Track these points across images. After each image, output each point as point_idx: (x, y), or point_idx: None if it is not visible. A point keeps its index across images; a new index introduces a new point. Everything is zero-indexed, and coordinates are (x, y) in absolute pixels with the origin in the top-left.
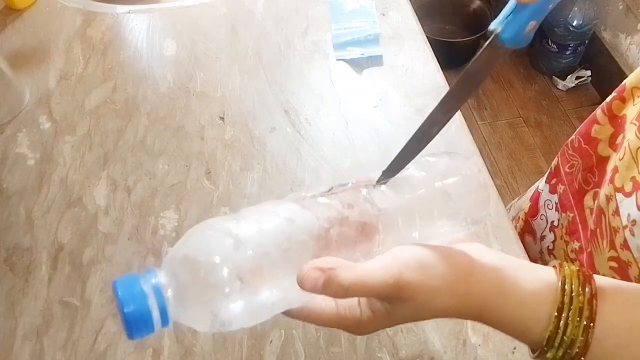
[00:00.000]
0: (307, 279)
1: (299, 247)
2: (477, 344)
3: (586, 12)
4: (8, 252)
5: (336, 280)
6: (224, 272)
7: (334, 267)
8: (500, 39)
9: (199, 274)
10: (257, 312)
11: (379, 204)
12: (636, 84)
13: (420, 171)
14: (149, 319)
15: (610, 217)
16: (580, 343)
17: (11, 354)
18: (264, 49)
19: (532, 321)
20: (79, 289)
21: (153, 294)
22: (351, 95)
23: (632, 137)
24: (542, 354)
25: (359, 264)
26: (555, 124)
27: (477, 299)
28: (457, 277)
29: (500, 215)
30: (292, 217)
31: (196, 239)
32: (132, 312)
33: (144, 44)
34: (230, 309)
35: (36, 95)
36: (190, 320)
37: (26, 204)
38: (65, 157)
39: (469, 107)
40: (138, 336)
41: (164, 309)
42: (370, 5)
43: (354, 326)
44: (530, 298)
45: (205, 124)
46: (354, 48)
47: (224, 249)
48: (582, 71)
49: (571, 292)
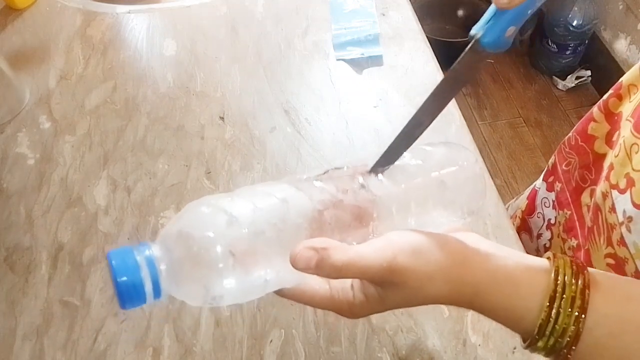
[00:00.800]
0: (300, 257)
1: (292, 228)
2: (477, 344)
3: (586, 12)
4: (8, 252)
5: (329, 260)
6: (218, 248)
7: (327, 248)
8: (481, 44)
9: (192, 248)
10: (249, 290)
11: (374, 191)
12: (632, 81)
13: (417, 160)
14: (141, 290)
15: (606, 214)
16: (571, 332)
17: (11, 354)
18: (264, 49)
19: (524, 310)
20: (79, 289)
21: (146, 265)
22: (351, 95)
23: (627, 133)
24: (533, 342)
25: (353, 246)
26: (556, 124)
27: (470, 286)
28: (451, 264)
29: (500, 215)
30: (287, 198)
31: (191, 214)
32: (125, 282)
33: (144, 43)
34: (223, 284)
35: (36, 95)
36: (183, 294)
37: (26, 203)
38: (65, 157)
39: (469, 107)
40: (130, 306)
41: (157, 282)
42: (370, 5)
43: (346, 309)
44: (523, 287)
45: (205, 124)
46: (354, 48)
47: (219, 225)
48: (582, 71)
49: (564, 281)
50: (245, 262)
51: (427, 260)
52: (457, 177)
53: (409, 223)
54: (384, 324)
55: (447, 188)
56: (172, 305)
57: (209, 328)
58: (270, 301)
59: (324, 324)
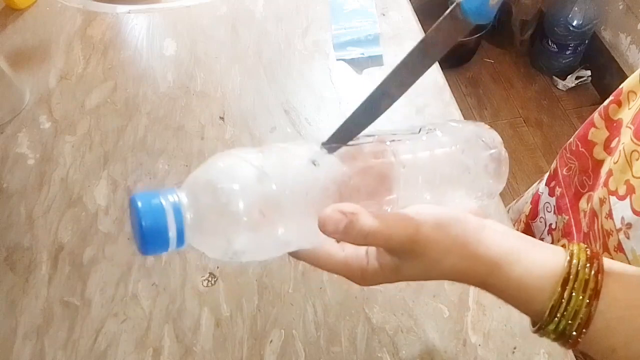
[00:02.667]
0: (329, 220)
1: (320, 190)
2: (477, 344)
3: (586, 12)
4: (8, 252)
5: (357, 224)
6: (245, 202)
7: (356, 213)
8: (462, 10)
9: (220, 199)
10: (269, 248)
11: (403, 160)
12: (632, 88)
13: (444, 135)
14: (165, 236)
15: (603, 220)
16: (583, 314)
17: (11, 354)
18: (264, 49)
19: (536, 290)
20: (79, 289)
21: (172, 211)
22: (351, 95)
23: (627, 140)
24: (544, 325)
25: (380, 214)
26: (556, 124)
27: (485, 264)
28: (469, 240)
29: (500, 215)
30: (317, 159)
31: (221, 164)
32: (150, 226)
33: (144, 43)
34: (246, 239)
35: (36, 95)
36: (204, 244)
37: (26, 203)
38: (65, 157)
39: (469, 107)
40: (152, 252)
41: (181, 229)
42: (370, 5)
43: (358, 275)
44: (537, 267)
45: (206, 124)
46: (354, 48)
47: (248, 179)
48: (582, 71)
49: (577, 265)
50: (271, 219)
51: (448, 233)
52: (483, 156)
53: (430, 196)
54: (384, 324)
55: (472, 165)
56: (172, 305)
57: (209, 328)
58: (271, 301)
59: (324, 324)
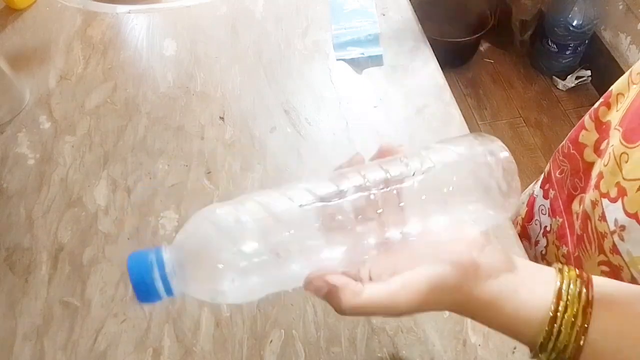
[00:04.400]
0: (311, 285)
1: (304, 236)
2: (477, 344)
3: (586, 12)
4: (8, 252)
5: (335, 299)
6: (223, 259)
7: (340, 287)
8: None
9: (199, 255)
10: (255, 292)
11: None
12: (620, 90)
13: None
14: (153, 289)
15: (596, 222)
16: (572, 349)
17: (11, 354)
18: (264, 49)
19: (525, 327)
20: (79, 289)
21: (157, 267)
22: (351, 95)
23: (616, 142)
24: (537, 355)
25: (368, 287)
26: (556, 124)
27: (475, 302)
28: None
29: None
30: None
31: (202, 223)
32: (137, 280)
33: (144, 44)
34: (233, 287)
35: (36, 95)
36: (192, 293)
37: (26, 203)
38: (65, 157)
39: (469, 107)
40: (147, 302)
41: (167, 281)
42: (370, 5)
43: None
44: (527, 305)
45: (205, 124)
46: (354, 48)
47: (230, 233)
48: (582, 71)
49: (567, 300)
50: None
51: (441, 301)
52: (492, 183)
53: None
54: (384, 324)
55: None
56: (172, 305)
57: (209, 329)
58: (271, 301)
59: (324, 324)
